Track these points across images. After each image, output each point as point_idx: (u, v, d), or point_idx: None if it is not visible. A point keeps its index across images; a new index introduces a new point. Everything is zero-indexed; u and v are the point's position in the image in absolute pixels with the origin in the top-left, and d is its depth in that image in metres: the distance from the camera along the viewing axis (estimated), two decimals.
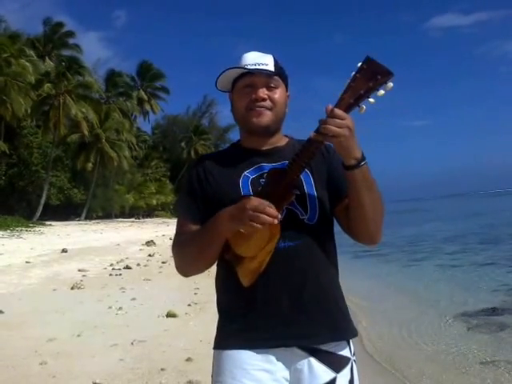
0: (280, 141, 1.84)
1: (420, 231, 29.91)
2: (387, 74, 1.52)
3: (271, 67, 1.73)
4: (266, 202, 1.53)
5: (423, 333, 6.92)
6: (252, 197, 1.58)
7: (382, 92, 1.54)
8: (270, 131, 1.78)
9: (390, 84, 1.53)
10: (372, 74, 1.52)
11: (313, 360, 1.68)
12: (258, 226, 1.51)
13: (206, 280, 9.63)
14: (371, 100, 1.55)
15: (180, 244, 1.78)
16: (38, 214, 40.44)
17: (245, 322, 1.70)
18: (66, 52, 51.09)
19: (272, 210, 1.52)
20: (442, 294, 9.73)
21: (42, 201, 41.20)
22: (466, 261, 14.83)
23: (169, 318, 7.14)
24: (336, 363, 1.70)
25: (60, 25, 51.85)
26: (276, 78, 1.75)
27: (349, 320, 1.79)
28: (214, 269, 1.85)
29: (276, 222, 1.52)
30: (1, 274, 11.86)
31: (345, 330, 1.76)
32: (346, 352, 1.74)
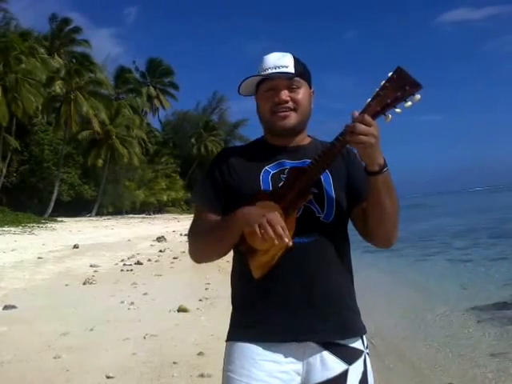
0: (304, 140, 1.85)
1: (430, 226, 29.78)
2: (415, 86, 1.55)
3: (291, 68, 1.72)
4: (283, 224, 1.53)
5: (434, 326, 6.95)
6: (277, 210, 1.60)
7: (409, 103, 1.57)
8: (296, 131, 1.80)
9: (418, 96, 1.56)
10: (401, 85, 1.55)
11: (325, 352, 1.69)
12: (259, 234, 1.52)
13: (217, 275, 9.76)
14: (398, 110, 1.58)
15: (197, 232, 1.81)
16: (50, 210, 40.61)
17: (257, 315, 1.72)
18: (75, 48, 51.30)
19: (281, 231, 1.51)
20: (453, 289, 9.73)
21: (54, 197, 41.37)
22: (476, 255, 14.81)
23: (180, 313, 7.18)
24: (348, 355, 1.71)
25: (66, 21, 51.88)
26: (297, 78, 1.74)
27: (359, 318, 1.81)
28: (225, 265, 1.90)
29: (277, 242, 1.52)
30: (14, 269, 11.98)
31: (356, 328, 1.77)
32: (358, 345, 1.75)
